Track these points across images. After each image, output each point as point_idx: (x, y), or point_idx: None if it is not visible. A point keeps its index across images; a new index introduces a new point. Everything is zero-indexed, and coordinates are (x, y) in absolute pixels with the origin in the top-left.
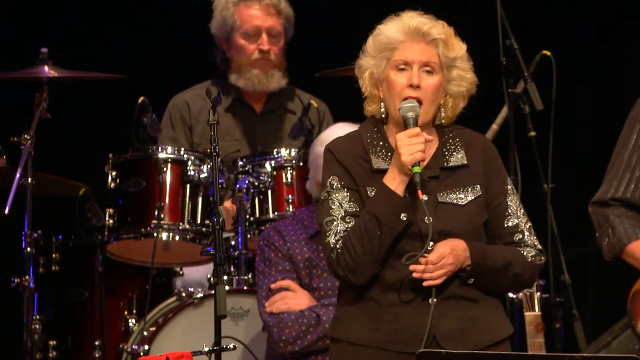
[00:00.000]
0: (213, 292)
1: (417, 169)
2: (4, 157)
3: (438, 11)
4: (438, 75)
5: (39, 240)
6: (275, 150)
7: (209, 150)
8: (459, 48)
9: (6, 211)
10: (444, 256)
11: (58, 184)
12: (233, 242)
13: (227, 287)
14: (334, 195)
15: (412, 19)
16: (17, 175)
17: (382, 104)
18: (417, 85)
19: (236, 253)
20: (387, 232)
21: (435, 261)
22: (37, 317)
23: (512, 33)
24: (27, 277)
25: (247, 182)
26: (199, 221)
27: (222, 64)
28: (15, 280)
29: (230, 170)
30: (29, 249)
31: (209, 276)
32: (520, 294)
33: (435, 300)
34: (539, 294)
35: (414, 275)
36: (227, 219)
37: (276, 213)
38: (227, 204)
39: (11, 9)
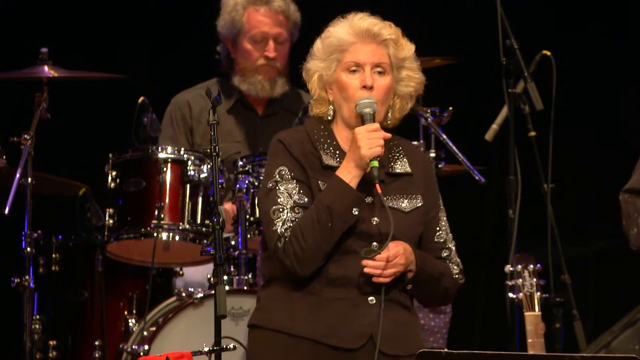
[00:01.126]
0: (213, 292)
1: (374, 164)
2: (4, 157)
3: (437, 11)
4: (389, 76)
5: (39, 240)
6: None
7: (209, 151)
8: (408, 48)
9: (6, 211)
10: (398, 255)
11: (58, 184)
12: (233, 242)
13: (227, 287)
14: (283, 185)
15: (362, 20)
16: (17, 175)
17: (330, 106)
18: (371, 87)
19: (236, 253)
20: (339, 224)
21: (390, 259)
22: (37, 317)
23: (512, 33)
24: (27, 277)
25: (247, 182)
26: (199, 221)
27: (226, 62)
28: (15, 280)
29: (230, 170)
30: (29, 249)
31: (209, 276)
32: (520, 294)
33: (375, 300)
34: (539, 294)
35: (365, 270)
36: (227, 220)
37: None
38: (227, 205)
39: (11, 9)
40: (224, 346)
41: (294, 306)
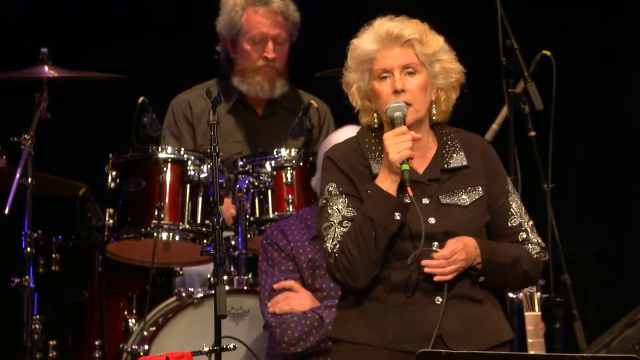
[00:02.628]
0: (213, 292)
1: (405, 167)
2: (4, 157)
3: (437, 11)
4: (422, 74)
5: (39, 240)
6: (275, 150)
7: (209, 151)
8: (436, 42)
9: (6, 211)
10: (457, 252)
11: (58, 184)
12: (233, 242)
13: (227, 287)
14: (333, 202)
15: (381, 26)
16: (17, 175)
17: (374, 114)
18: (402, 90)
19: (236, 253)
20: (382, 232)
21: (448, 256)
22: (37, 317)
23: (512, 33)
24: (27, 277)
25: (247, 182)
26: (199, 221)
27: (226, 62)
28: (15, 280)
29: (230, 170)
30: (29, 249)
31: (209, 276)
32: (521, 294)
33: (442, 299)
34: (539, 294)
35: (426, 270)
36: (227, 217)
37: (276, 213)
38: (227, 201)
39: (11, 9)
40: (224, 346)
41: (363, 316)
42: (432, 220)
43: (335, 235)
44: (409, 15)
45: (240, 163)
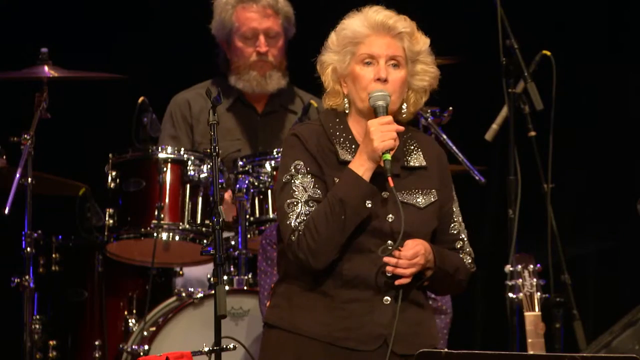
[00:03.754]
0: (213, 292)
1: (387, 156)
2: (4, 157)
3: (437, 11)
4: (404, 69)
5: (39, 240)
6: (275, 150)
7: (209, 150)
8: (423, 42)
9: (6, 211)
10: (418, 255)
11: (58, 184)
12: (233, 242)
13: (227, 287)
14: (298, 179)
15: (377, 13)
16: (17, 175)
17: (345, 99)
18: (385, 79)
19: (236, 253)
20: (352, 217)
21: (410, 257)
22: (37, 317)
23: (512, 33)
24: (27, 277)
25: (247, 182)
26: (199, 221)
27: (224, 63)
28: (15, 280)
29: (230, 170)
30: (29, 249)
31: (209, 276)
32: (520, 294)
33: (390, 299)
34: (539, 294)
35: (388, 268)
36: (227, 212)
37: (276, 213)
38: (227, 195)
39: (11, 9)
40: (224, 346)
41: (309, 307)
42: (390, 218)
43: (300, 213)
44: (409, 15)
45: (240, 163)
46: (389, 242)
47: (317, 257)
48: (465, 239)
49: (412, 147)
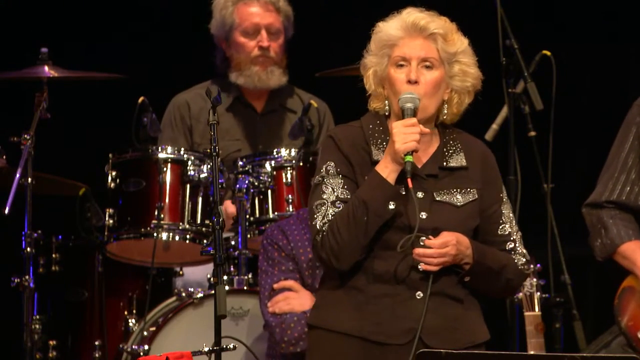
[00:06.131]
0: (213, 292)
1: (409, 158)
2: (4, 157)
3: (438, 11)
4: (438, 71)
5: (39, 240)
6: (275, 150)
7: (209, 150)
8: (460, 43)
9: (6, 211)
10: (448, 245)
11: (58, 184)
12: (233, 242)
13: (227, 287)
14: (328, 181)
15: (409, 15)
16: (17, 175)
17: (386, 101)
18: (415, 81)
19: (236, 253)
20: (374, 219)
21: (439, 246)
22: (37, 317)
23: (512, 33)
24: (27, 277)
25: (247, 182)
26: (199, 221)
27: (222, 64)
28: (15, 280)
29: (230, 170)
30: (29, 249)
31: (209, 276)
32: (520, 294)
33: (422, 294)
34: (539, 294)
35: (414, 256)
36: (226, 219)
37: (276, 213)
38: (227, 203)
39: (11, 9)
40: (224, 346)
41: (342, 304)
42: (423, 215)
43: (327, 214)
44: None
45: (240, 163)
46: (422, 237)
47: (340, 258)
48: (518, 241)
49: (454, 149)
